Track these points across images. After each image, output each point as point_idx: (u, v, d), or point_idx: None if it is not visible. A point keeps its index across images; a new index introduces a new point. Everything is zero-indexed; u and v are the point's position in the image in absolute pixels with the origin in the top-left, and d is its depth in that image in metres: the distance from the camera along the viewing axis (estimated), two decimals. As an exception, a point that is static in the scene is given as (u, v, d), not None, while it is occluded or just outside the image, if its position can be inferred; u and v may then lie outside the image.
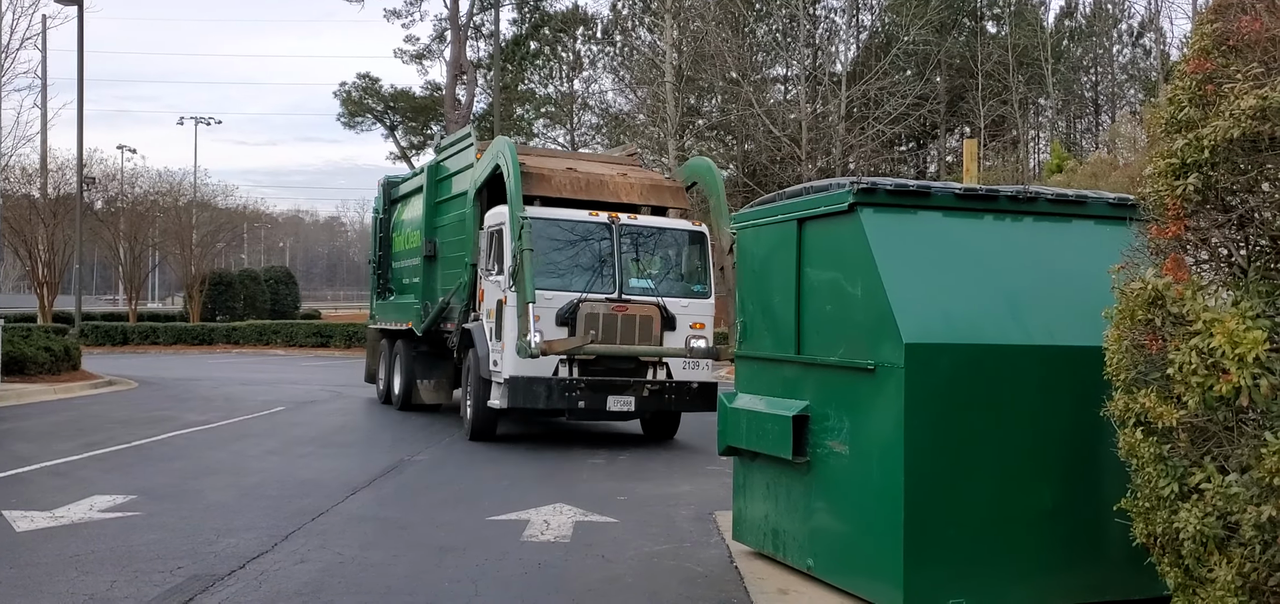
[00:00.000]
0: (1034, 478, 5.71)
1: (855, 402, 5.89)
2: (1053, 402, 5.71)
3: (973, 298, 5.88)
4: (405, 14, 47.14)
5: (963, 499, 5.60)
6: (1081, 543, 5.77)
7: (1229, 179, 4.40)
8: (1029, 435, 5.71)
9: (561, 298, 12.06)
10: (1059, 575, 5.77)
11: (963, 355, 5.61)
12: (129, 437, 13.22)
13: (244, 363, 30.69)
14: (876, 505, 5.69)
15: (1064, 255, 6.20)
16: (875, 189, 5.99)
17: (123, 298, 50.68)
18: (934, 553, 5.53)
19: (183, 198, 47.45)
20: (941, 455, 5.56)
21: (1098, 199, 6.52)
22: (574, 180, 13.50)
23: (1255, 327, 4.06)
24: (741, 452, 7.01)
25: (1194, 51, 4.59)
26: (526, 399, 11.99)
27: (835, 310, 6.14)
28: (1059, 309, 5.90)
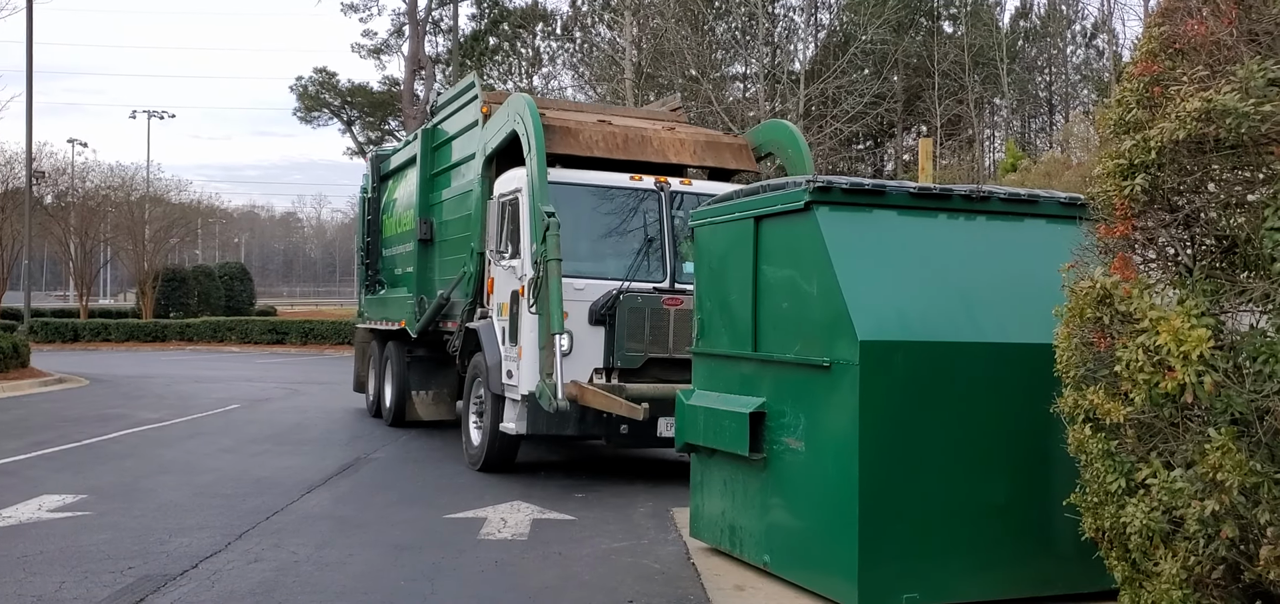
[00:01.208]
0: (986, 474, 5.79)
1: (811, 399, 5.94)
2: (1004, 398, 5.79)
3: (927, 296, 5.95)
4: (362, 8, 46.79)
5: (916, 495, 5.66)
6: (1032, 537, 5.87)
7: (1175, 180, 4.48)
8: (981, 432, 5.78)
9: (596, 288, 9.45)
10: (1010, 569, 5.85)
11: (917, 353, 5.68)
12: (79, 435, 13.01)
13: (198, 360, 30.29)
14: (831, 501, 5.74)
15: (1016, 254, 6.29)
16: (831, 187, 6.03)
17: (73, 294, 49.80)
18: (888, 548, 5.59)
19: (135, 192, 46.66)
20: (895, 452, 5.62)
21: (1049, 198, 6.62)
22: (608, 136, 10.69)
23: (1200, 325, 4.14)
24: (699, 448, 7.04)
25: (1142, 54, 4.68)
26: (552, 422, 9.23)
27: (791, 308, 6.19)
28: (1011, 307, 5.99)
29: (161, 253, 45.20)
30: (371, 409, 15.56)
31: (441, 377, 13.90)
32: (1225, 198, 4.45)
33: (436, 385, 14.05)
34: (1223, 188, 4.44)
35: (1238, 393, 4.08)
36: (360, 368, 16.89)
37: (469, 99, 12.02)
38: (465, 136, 12.08)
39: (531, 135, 9.66)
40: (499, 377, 9.95)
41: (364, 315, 16.42)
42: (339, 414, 16.18)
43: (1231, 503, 4.05)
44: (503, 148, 10.63)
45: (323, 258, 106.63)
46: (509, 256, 9.96)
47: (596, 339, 9.41)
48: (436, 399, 14.14)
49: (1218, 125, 4.11)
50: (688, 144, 11.04)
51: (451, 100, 12.93)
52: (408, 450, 12.25)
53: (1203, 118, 4.12)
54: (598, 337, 9.41)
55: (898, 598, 5.57)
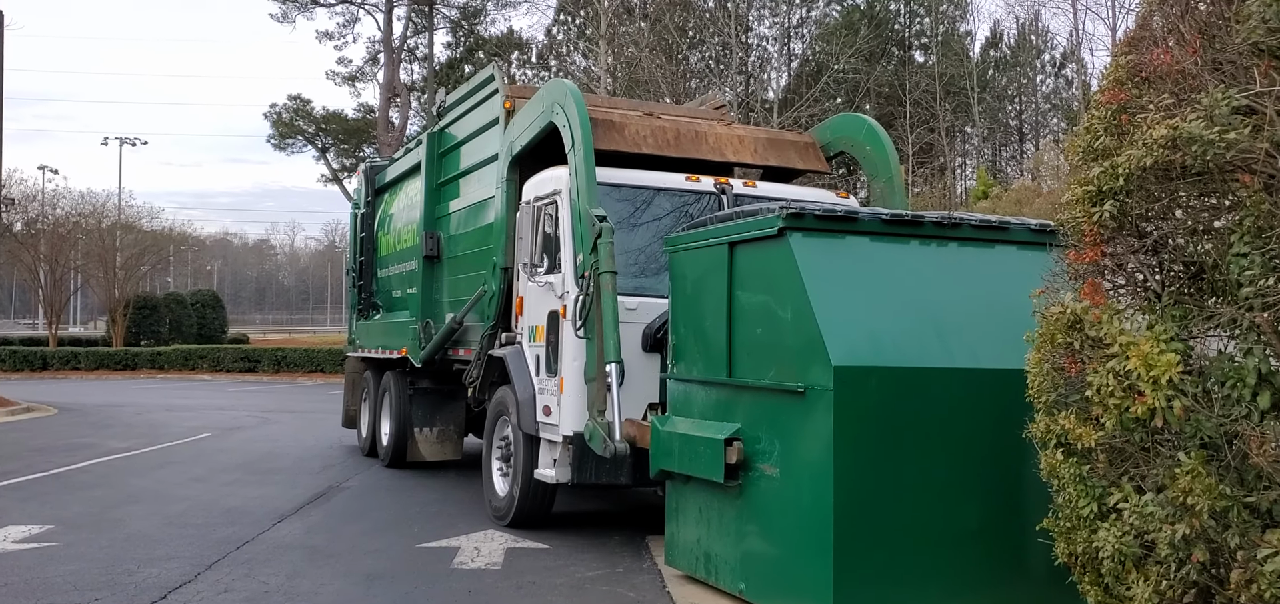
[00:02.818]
0: (960, 499, 5.80)
1: (785, 424, 5.94)
2: (977, 423, 5.82)
3: (900, 321, 5.98)
4: (337, 36, 46.86)
5: (891, 520, 5.66)
6: (1007, 563, 5.88)
7: (1143, 206, 4.53)
8: (955, 457, 5.80)
9: (650, 308, 8.02)
10: (985, 594, 5.86)
11: (890, 378, 5.70)
12: (47, 465, 12.82)
13: (169, 389, 29.97)
14: (807, 527, 5.73)
15: (987, 280, 6.34)
16: (804, 214, 6.07)
17: (42, 322, 49.24)
18: (863, 574, 5.58)
19: (106, 220, 46.32)
20: (870, 477, 5.62)
21: (1020, 225, 6.69)
22: (658, 131, 9.44)
23: (1169, 349, 4.18)
24: (674, 475, 7.01)
25: (1109, 83, 4.73)
26: (601, 469, 7.94)
27: (765, 334, 6.19)
28: (983, 332, 6.03)
29: (133, 280, 44.81)
30: (365, 448, 14.10)
31: (448, 411, 12.63)
32: (1192, 224, 4.50)
33: (442, 421, 12.68)
34: (1190, 214, 4.49)
35: (1207, 417, 4.12)
36: (351, 401, 15.39)
37: (487, 95, 10.63)
38: (480, 138, 10.76)
39: (577, 126, 8.30)
40: (532, 414, 8.56)
41: (356, 343, 14.82)
42: (311, 443, 16.01)
43: (1202, 527, 4.07)
44: (533, 146, 9.27)
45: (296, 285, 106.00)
46: (545, 271, 8.63)
47: (651, 368, 7.93)
48: (442, 437, 12.73)
49: (1184, 152, 4.17)
50: (748, 141, 9.85)
51: (464, 98, 11.43)
52: (380, 479, 12.14)
53: (1169, 145, 4.17)
54: (652, 365, 7.93)
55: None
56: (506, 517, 8.97)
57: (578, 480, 8.02)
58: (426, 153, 12.04)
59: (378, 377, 13.69)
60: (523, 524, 8.85)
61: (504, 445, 9.30)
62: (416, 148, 12.79)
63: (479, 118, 10.83)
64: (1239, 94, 4.14)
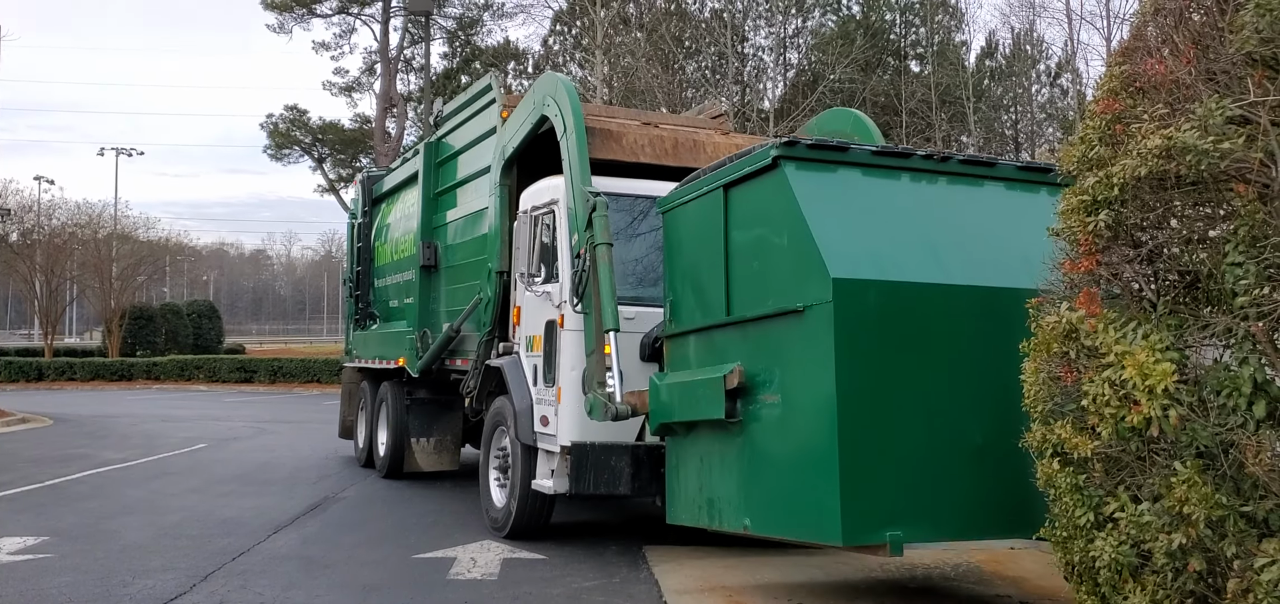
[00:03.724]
0: (963, 414, 5.83)
1: (786, 350, 5.95)
2: (977, 340, 5.87)
3: (895, 243, 6.04)
4: (334, 46, 47.03)
5: (894, 435, 5.67)
6: (1011, 478, 5.84)
7: (1138, 215, 4.55)
8: (956, 372, 5.83)
9: (648, 317, 7.99)
10: (991, 509, 5.86)
11: (889, 291, 5.72)
12: (42, 476, 12.78)
13: (165, 399, 29.92)
14: (811, 445, 5.72)
15: (977, 214, 6.43)
16: (796, 143, 6.19)
17: (38, 333, 49.16)
18: (869, 486, 5.57)
19: (102, 230, 46.27)
20: (871, 391, 5.61)
21: (1007, 163, 6.81)
22: (656, 140, 9.44)
23: (1164, 359, 4.19)
24: (674, 428, 7.02)
25: (1104, 93, 4.75)
26: (599, 478, 7.90)
27: (762, 266, 6.23)
28: (976, 257, 6.10)
29: (129, 291, 44.76)
30: (362, 458, 14.04)
31: (445, 421, 12.59)
32: (1187, 234, 4.51)
33: (439, 431, 12.64)
34: (1185, 224, 4.50)
35: (1202, 426, 4.12)
36: (347, 412, 15.31)
37: (484, 105, 10.61)
38: (478, 148, 10.74)
39: (568, 114, 8.47)
40: (530, 424, 8.56)
41: (353, 353, 14.83)
42: (307, 453, 15.98)
43: (1198, 536, 4.08)
44: (527, 144, 9.41)
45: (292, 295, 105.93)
46: (542, 281, 8.67)
47: (649, 378, 7.89)
48: (439, 447, 12.69)
49: (1178, 162, 4.18)
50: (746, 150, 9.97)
51: (462, 108, 11.44)
52: (376, 489, 12.11)
53: (1163, 155, 4.19)
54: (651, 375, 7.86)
55: (881, 534, 5.53)
56: (504, 527, 8.95)
57: (575, 491, 7.98)
58: (424, 162, 12.03)
59: (375, 387, 13.62)
60: (520, 535, 8.81)
61: (501, 456, 9.28)
62: (414, 157, 12.79)
63: (476, 127, 10.81)
64: (1233, 104, 4.16)
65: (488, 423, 9.57)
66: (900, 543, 5.47)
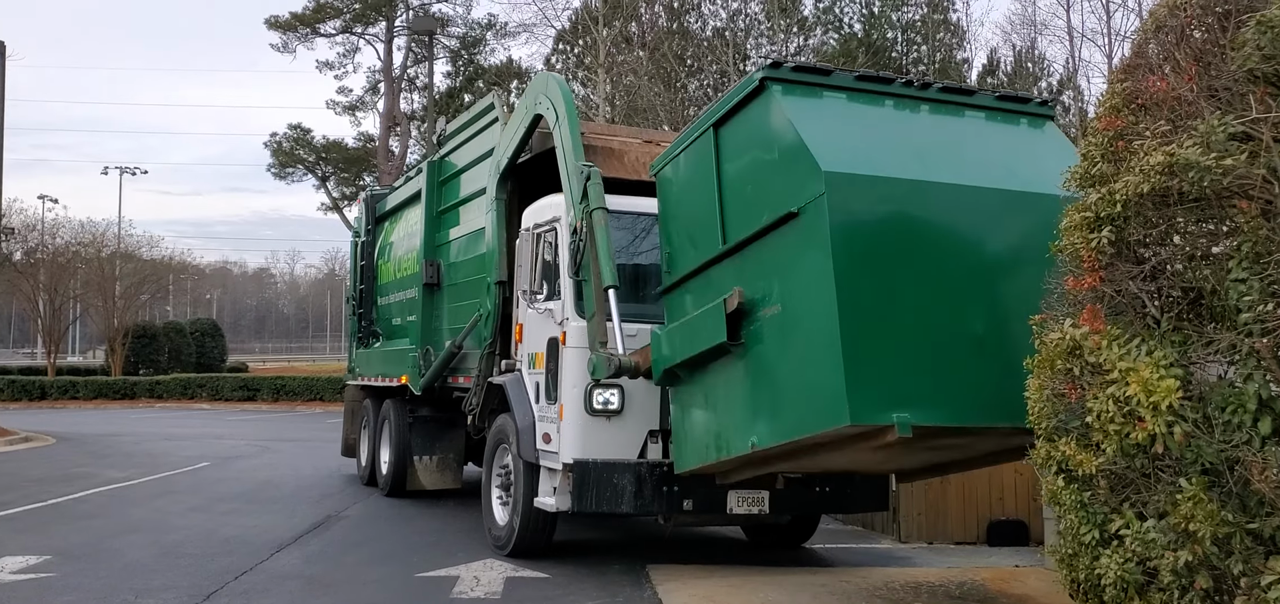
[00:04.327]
0: (960, 306, 5.92)
1: (783, 259, 6.05)
2: (968, 236, 5.98)
3: (884, 150, 6.17)
4: (338, 66, 47.03)
5: (895, 322, 5.75)
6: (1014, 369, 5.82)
7: (1141, 232, 4.55)
8: (951, 265, 5.93)
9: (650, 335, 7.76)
10: (994, 397, 5.89)
11: (881, 186, 5.83)
12: (44, 495, 12.77)
13: (168, 418, 29.92)
14: (814, 339, 5.79)
15: (958, 138, 6.55)
16: (780, 64, 6.34)
17: (41, 351, 49.20)
18: (873, 370, 5.64)
19: (106, 249, 46.34)
20: (869, 282, 5.70)
21: (986, 94, 6.93)
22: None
23: (1169, 375, 4.18)
24: (677, 372, 7.07)
25: (1106, 109, 4.76)
26: (602, 497, 7.86)
27: (756, 187, 6.35)
28: (963, 165, 6.25)
29: (132, 309, 44.80)
30: (364, 476, 13.97)
31: (447, 439, 12.51)
32: (1190, 250, 4.51)
33: (442, 449, 12.54)
34: (1188, 240, 4.50)
35: (1207, 443, 4.11)
36: (350, 430, 15.26)
37: (487, 123, 10.62)
38: (481, 167, 10.73)
39: (560, 104, 8.70)
40: (532, 441, 8.50)
41: (356, 371, 14.85)
42: (310, 472, 15.96)
43: (1205, 553, 4.07)
44: (523, 147, 9.57)
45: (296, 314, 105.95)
46: (545, 298, 8.69)
47: (651, 396, 7.93)
48: (441, 465, 12.58)
49: (1181, 179, 4.18)
50: None
51: (465, 127, 11.45)
52: (379, 508, 12.09)
53: (1166, 171, 4.19)
54: (653, 393, 7.90)
55: (888, 415, 5.56)
56: (506, 546, 8.90)
57: (578, 509, 7.94)
58: (427, 181, 12.06)
59: (377, 405, 13.61)
60: (523, 553, 8.77)
61: (504, 474, 9.23)
62: (417, 176, 12.82)
63: (479, 146, 10.85)
64: (1235, 121, 4.17)
65: (490, 441, 9.54)
66: (908, 423, 5.53)
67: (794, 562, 9.16)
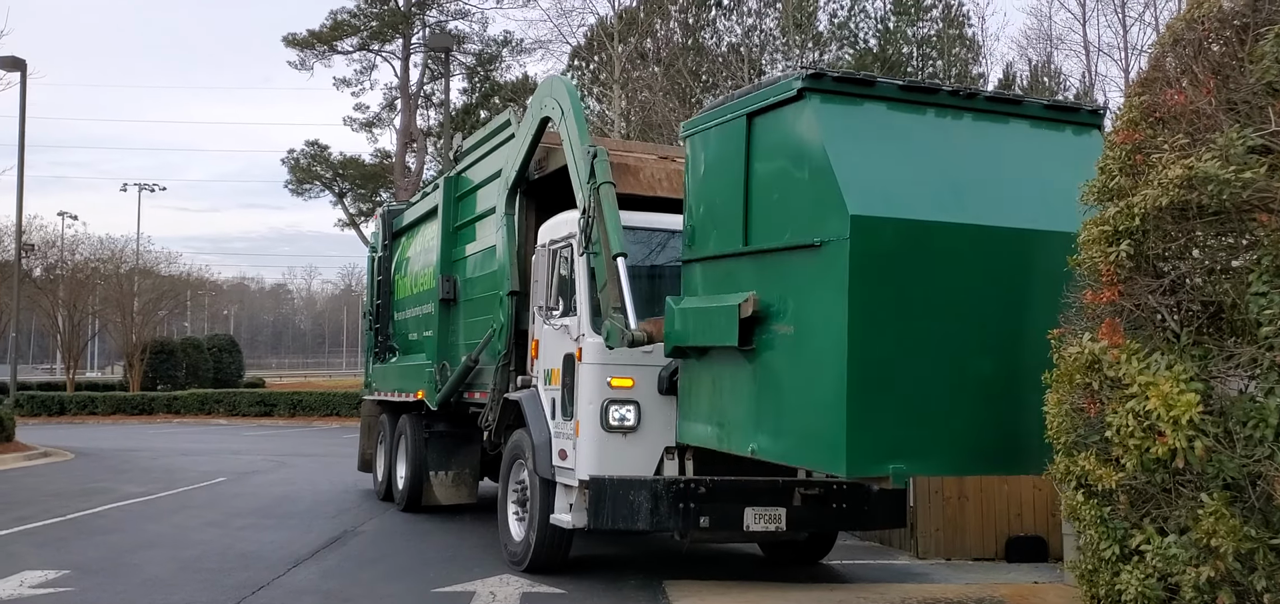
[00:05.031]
0: (971, 352, 5.88)
1: (801, 283, 6.02)
2: (990, 279, 5.93)
3: (915, 180, 6.07)
4: (355, 83, 47.33)
5: (903, 369, 5.73)
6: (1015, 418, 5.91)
7: (1160, 246, 4.52)
8: (968, 310, 5.88)
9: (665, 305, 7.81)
10: (993, 446, 5.93)
11: (906, 229, 5.77)
12: (63, 510, 12.83)
13: (185, 433, 30.04)
14: (821, 380, 5.78)
15: (1000, 151, 6.46)
16: (823, 75, 6.20)
17: (61, 367, 49.54)
18: (875, 418, 5.64)
19: (124, 265, 46.65)
20: (883, 326, 5.68)
21: (1033, 101, 6.81)
22: (674, 174, 9.16)
23: (1189, 389, 4.15)
24: (687, 351, 7.11)
25: (1123, 123, 4.75)
26: (618, 514, 7.84)
27: (782, 198, 6.29)
28: (997, 196, 6.15)
29: (150, 325, 45.05)
30: (381, 492, 14.01)
31: (463, 454, 12.47)
32: (1210, 263, 4.48)
33: (458, 465, 12.52)
34: (1207, 254, 4.47)
35: (1229, 458, 4.08)
36: (366, 445, 15.27)
37: (503, 139, 10.58)
38: (497, 182, 10.72)
39: (566, 102, 8.93)
40: (548, 458, 8.51)
41: (372, 386, 14.95)
42: (326, 487, 16.00)
43: (1227, 569, 4.03)
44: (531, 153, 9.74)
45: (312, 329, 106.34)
46: (561, 314, 8.70)
47: (667, 412, 7.93)
48: (457, 481, 12.55)
49: (1200, 192, 4.16)
50: None
51: (481, 143, 11.48)
52: (396, 523, 12.10)
53: (1185, 185, 4.17)
54: (669, 408, 7.91)
55: (884, 466, 5.60)
56: (523, 562, 8.88)
57: (594, 525, 7.91)
58: (443, 196, 12.12)
59: (394, 420, 13.62)
60: (539, 569, 8.74)
61: (520, 489, 9.23)
62: (433, 191, 12.88)
63: (495, 162, 10.92)
64: (1254, 133, 4.15)
65: (506, 456, 9.54)
66: (903, 475, 5.63)
67: (811, 578, 9.12)
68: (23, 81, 27.06)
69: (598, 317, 8.14)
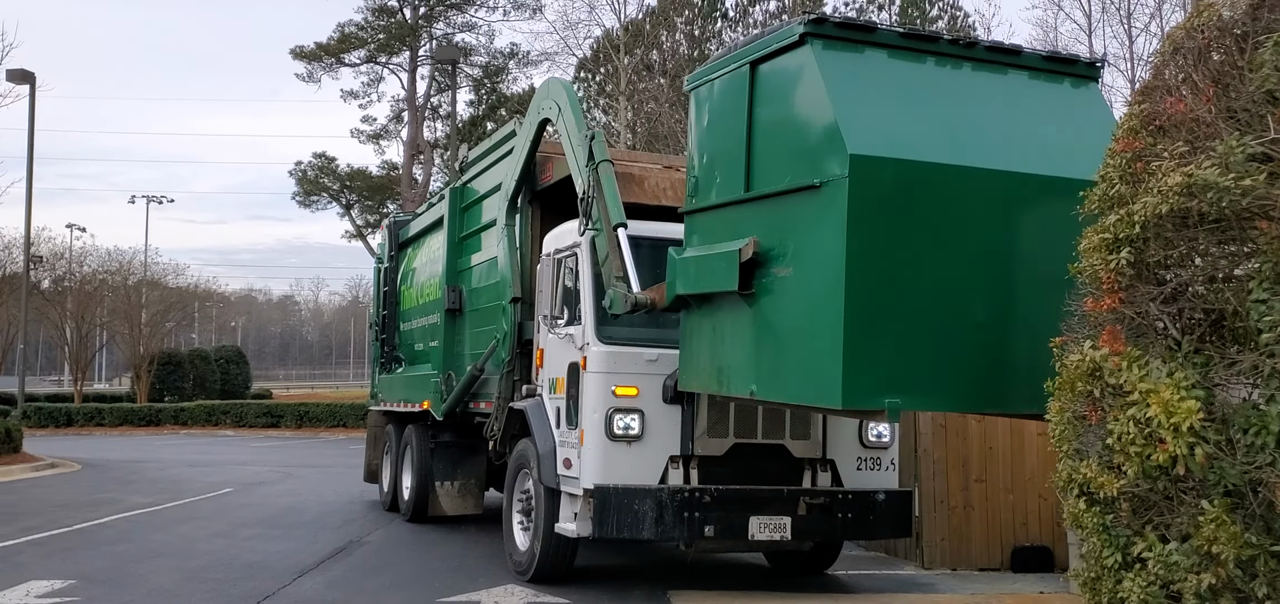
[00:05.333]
0: (967, 291, 5.94)
1: (800, 224, 6.08)
2: (988, 221, 5.98)
3: (915, 124, 6.13)
4: (362, 95, 47.44)
5: (900, 307, 5.79)
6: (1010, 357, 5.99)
7: (1161, 253, 4.53)
8: (964, 250, 5.94)
9: (671, 359, 7.95)
10: (988, 385, 5.99)
11: (905, 169, 5.82)
12: (70, 520, 12.88)
13: (192, 444, 30.11)
14: (817, 315, 5.85)
15: (998, 101, 6.52)
16: (824, 20, 6.28)
17: (68, 379, 49.69)
18: (871, 354, 5.70)
19: (132, 277, 46.81)
20: (881, 265, 5.74)
21: (1032, 52, 6.85)
22: (678, 184, 9.11)
23: (1190, 396, 4.15)
24: (689, 301, 7.21)
25: (1124, 131, 4.76)
26: (622, 522, 7.85)
27: (783, 143, 6.37)
28: (995, 142, 6.21)
29: (157, 337, 45.18)
30: (387, 502, 14.05)
31: (469, 465, 12.49)
32: (1211, 271, 4.49)
33: (463, 475, 12.54)
34: (1208, 261, 4.48)
35: (1230, 464, 4.08)
36: (372, 456, 15.27)
37: (509, 151, 10.62)
38: (497, 196, 10.87)
39: (563, 101, 9.25)
40: (553, 467, 8.51)
41: (378, 397, 15.07)
42: (333, 498, 16.03)
43: (1228, 576, 4.03)
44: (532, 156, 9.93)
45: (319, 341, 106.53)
46: (566, 323, 8.71)
47: (672, 421, 8.04)
48: (463, 491, 12.56)
49: (1200, 199, 4.17)
50: None
51: (487, 153, 11.54)
52: (401, 534, 12.12)
53: (1185, 192, 4.18)
54: (673, 417, 8.03)
55: (879, 400, 5.66)
56: (527, 571, 8.88)
57: (599, 534, 7.91)
58: (449, 207, 12.17)
59: (399, 430, 13.66)
60: (544, 579, 8.76)
61: (525, 499, 9.22)
62: (439, 202, 12.92)
63: (497, 174, 10.96)
64: (1254, 141, 4.16)
65: (511, 466, 9.55)
66: (897, 410, 5.68)
67: (817, 588, 9.12)
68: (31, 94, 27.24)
69: (602, 325, 8.20)
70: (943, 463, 10.01)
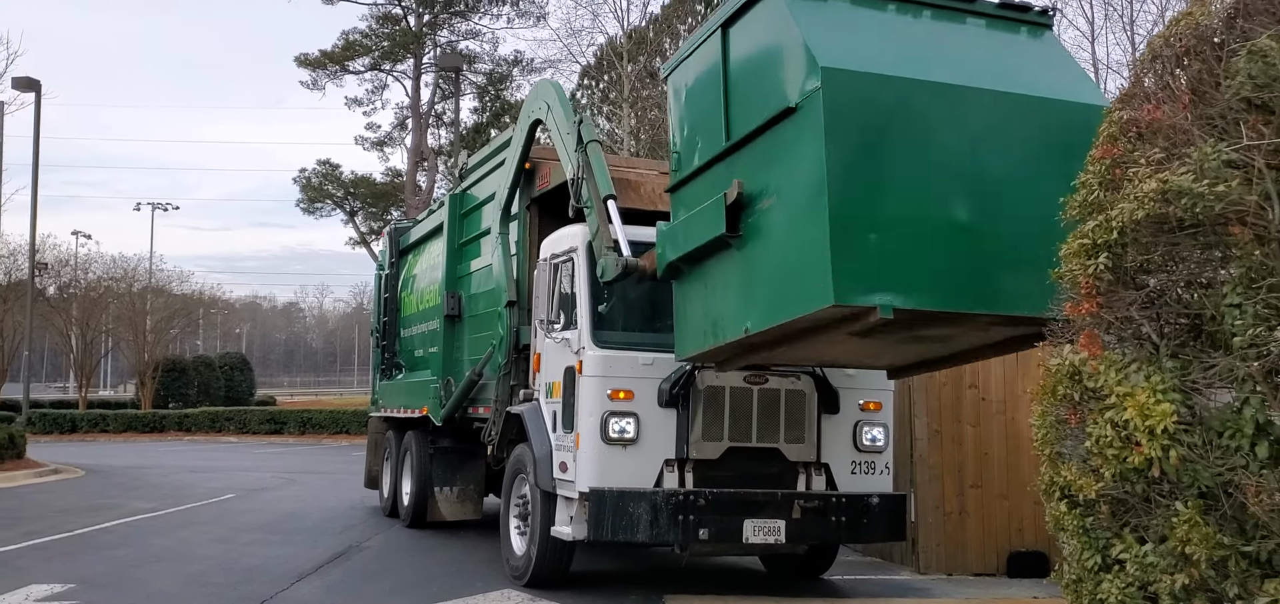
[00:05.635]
0: (948, 196, 6.09)
1: (781, 152, 6.23)
2: (960, 131, 6.14)
3: (883, 48, 6.33)
4: (367, 102, 47.59)
5: (883, 211, 5.93)
6: (995, 257, 6.13)
7: (1139, 258, 4.59)
8: (941, 159, 6.10)
9: (666, 363, 8.12)
10: (975, 284, 6.12)
11: (877, 82, 6.00)
12: (71, 525, 12.96)
13: (195, 451, 30.22)
14: (804, 224, 5.98)
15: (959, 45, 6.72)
16: None
17: (73, 385, 49.83)
18: (859, 253, 5.83)
19: (137, 284, 46.96)
20: (861, 172, 5.89)
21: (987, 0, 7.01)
22: None
23: (1165, 400, 4.21)
24: (680, 267, 7.33)
25: (1103, 138, 4.82)
26: (618, 526, 7.91)
27: (759, 86, 6.55)
28: (960, 68, 6.39)
29: (162, 343, 45.29)
30: (387, 508, 14.14)
31: (468, 470, 12.62)
32: (1190, 276, 4.55)
33: (462, 481, 12.67)
34: (1185, 266, 4.54)
35: (1204, 466, 4.14)
36: (373, 462, 15.36)
37: (503, 161, 10.79)
38: (492, 204, 11.03)
39: (552, 99, 9.56)
40: (549, 471, 8.56)
41: (379, 403, 15.23)
42: (333, 504, 16.10)
43: (1202, 576, 4.08)
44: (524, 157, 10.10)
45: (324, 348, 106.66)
46: (562, 327, 8.75)
47: (667, 424, 8.13)
48: (462, 496, 12.70)
49: (1175, 205, 4.23)
50: None
51: (486, 160, 11.61)
52: (401, 539, 12.19)
53: (1160, 198, 4.24)
54: (669, 421, 8.12)
55: (871, 296, 5.77)
56: (524, 576, 8.93)
57: (594, 537, 7.98)
58: (449, 214, 12.25)
59: (399, 436, 13.72)
60: (540, 583, 8.80)
61: (522, 503, 9.27)
62: (439, 209, 13.01)
63: (493, 184, 11.05)
64: (1229, 148, 4.21)
65: (508, 470, 9.62)
66: (890, 306, 5.76)
67: (812, 592, 9.18)
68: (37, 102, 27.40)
69: (598, 330, 8.29)
70: (938, 469, 10.06)
